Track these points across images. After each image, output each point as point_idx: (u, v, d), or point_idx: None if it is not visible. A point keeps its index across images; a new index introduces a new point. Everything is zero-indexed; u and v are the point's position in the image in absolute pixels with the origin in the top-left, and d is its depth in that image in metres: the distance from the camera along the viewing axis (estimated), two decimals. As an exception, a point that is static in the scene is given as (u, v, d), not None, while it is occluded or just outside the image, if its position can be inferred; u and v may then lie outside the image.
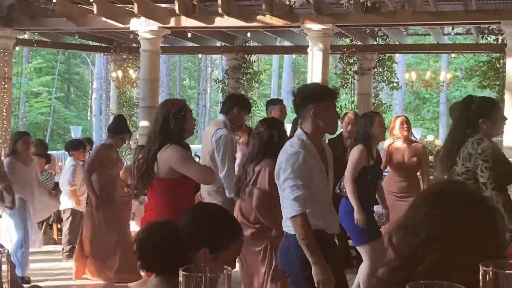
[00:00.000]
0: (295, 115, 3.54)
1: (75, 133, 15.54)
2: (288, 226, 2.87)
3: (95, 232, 5.66)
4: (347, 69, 11.13)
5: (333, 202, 3.12)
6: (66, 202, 6.96)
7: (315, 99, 2.93)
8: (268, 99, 8.82)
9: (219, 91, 12.87)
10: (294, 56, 20.92)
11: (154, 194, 3.48)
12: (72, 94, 29.94)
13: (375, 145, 4.72)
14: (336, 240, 3.17)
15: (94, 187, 5.56)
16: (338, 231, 3.09)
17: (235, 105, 4.60)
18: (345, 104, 11.29)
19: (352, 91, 11.18)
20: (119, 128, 5.54)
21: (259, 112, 14.74)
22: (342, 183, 4.66)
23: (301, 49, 10.94)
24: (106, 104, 17.74)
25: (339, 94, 3.03)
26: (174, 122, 3.38)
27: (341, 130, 6.03)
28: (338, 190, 4.69)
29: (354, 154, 4.60)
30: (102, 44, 12.94)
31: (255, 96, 18.53)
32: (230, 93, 4.87)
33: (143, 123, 10.07)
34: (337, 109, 3.36)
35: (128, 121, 11.55)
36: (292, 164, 2.83)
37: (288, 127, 4.99)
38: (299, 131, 2.99)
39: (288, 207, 2.82)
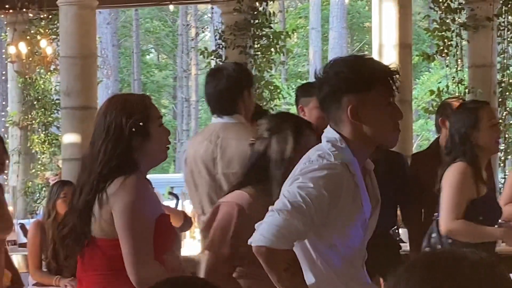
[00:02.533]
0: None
1: None
2: None
3: None
4: (448, 21, 10.90)
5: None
6: None
7: (356, 85, 2.95)
8: (303, 82, 8.53)
9: (212, 72, 12.49)
10: (347, 0, 20.66)
11: (88, 270, 3.49)
12: None
13: (485, 160, 4.70)
14: None
15: None
16: None
17: (241, 86, 4.72)
18: (447, 85, 11.12)
19: (459, 60, 11.03)
20: None
21: (289, 108, 13.89)
22: (433, 235, 4.70)
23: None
24: (0, 106, 17.23)
25: (398, 76, 3.07)
26: (130, 138, 3.41)
27: None
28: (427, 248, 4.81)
29: (452, 177, 4.59)
30: (-12, -6, 12.30)
31: (278, 79, 17.85)
32: (213, 68, 4.97)
33: (69, 138, 10.24)
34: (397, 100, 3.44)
35: (42, 133, 12.61)
36: (314, 179, 2.93)
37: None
38: (330, 133, 3.05)
39: (262, 227, 2.94)
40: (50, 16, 12.39)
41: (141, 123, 3.44)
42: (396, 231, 6.75)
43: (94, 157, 3.45)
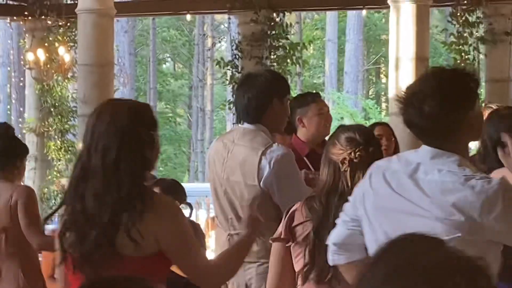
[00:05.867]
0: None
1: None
2: None
3: None
4: (466, 35, 10.93)
5: None
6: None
7: (475, 97, 2.97)
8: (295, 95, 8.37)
9: (227, 82, 12.62)
10: (364, 13, 20.61)
11: None
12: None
13: None
14: None
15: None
16: None
17: (271, 94, 4.44)
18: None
19: (477, 74, 10.80)
20: None
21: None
22: None
23: (377, 1, 11.12)
24: (17, 112, 17.21)
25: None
26: (144, 148, 3.15)
27: None
28: None
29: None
30: (8, 2, 13.03)
31: (293, 90, 17.75)
32: (245, 74, 4.82)
33: (86, 145, 9.87)
34: None
35: (58, 140, 12.64)
36: (496, 192, 2.81)
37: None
38: (447, 155, 2.88)
39: None
40: (69, 24, 12.43)
41: (151, 132, 3.15)
42: None
43: (107, 167, 3.10)
